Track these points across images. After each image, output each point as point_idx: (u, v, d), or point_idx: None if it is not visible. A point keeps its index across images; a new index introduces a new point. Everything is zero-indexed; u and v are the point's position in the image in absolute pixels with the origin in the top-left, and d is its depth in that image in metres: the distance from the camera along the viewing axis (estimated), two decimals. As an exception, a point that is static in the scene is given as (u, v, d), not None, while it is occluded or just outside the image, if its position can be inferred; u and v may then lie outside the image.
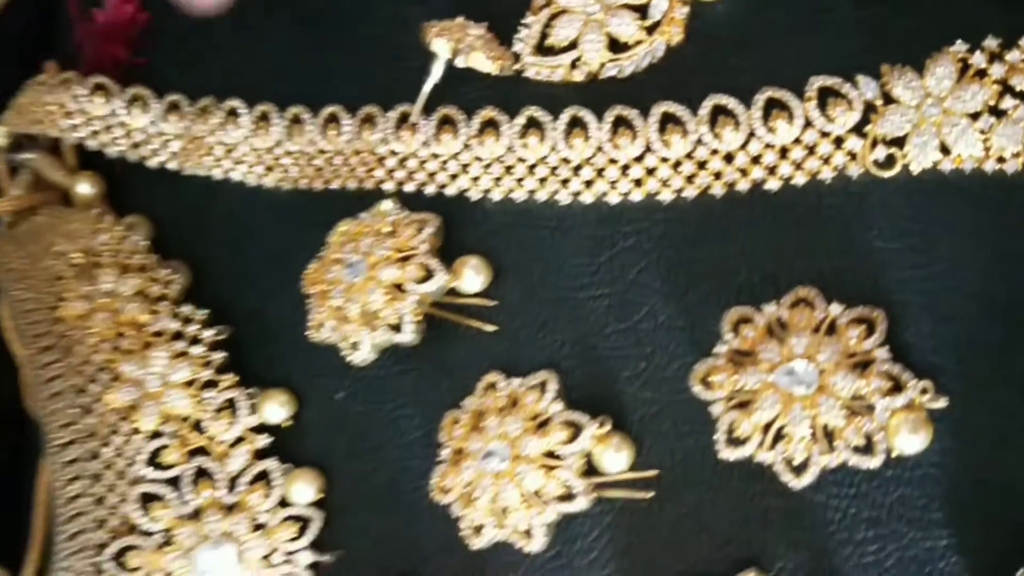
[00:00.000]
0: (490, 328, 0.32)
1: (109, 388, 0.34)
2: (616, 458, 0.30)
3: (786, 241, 0.30)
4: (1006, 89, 0.29)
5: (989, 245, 0.29)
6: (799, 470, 0.29)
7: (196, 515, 0.34)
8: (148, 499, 0.33)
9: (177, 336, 0.35)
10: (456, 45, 0.32)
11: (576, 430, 0.30)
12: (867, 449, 0.29)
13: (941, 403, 0.29)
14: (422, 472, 0.32)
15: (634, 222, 0.31)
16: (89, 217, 0.36)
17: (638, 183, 0.31)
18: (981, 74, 0.29)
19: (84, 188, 0.37)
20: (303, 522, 0.33)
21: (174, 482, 0.33)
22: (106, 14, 0.38)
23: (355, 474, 0.33)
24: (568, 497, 0.30)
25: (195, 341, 0.35)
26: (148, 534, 0.33)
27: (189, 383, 0.34)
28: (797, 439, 0.28)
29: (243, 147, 0.35)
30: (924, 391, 0.29)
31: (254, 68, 0.35)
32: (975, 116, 0.29)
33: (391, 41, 0.33)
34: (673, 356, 0.31)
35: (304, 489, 0.33)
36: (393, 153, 0.33)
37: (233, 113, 0.35)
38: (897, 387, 0.29)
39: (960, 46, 0.29)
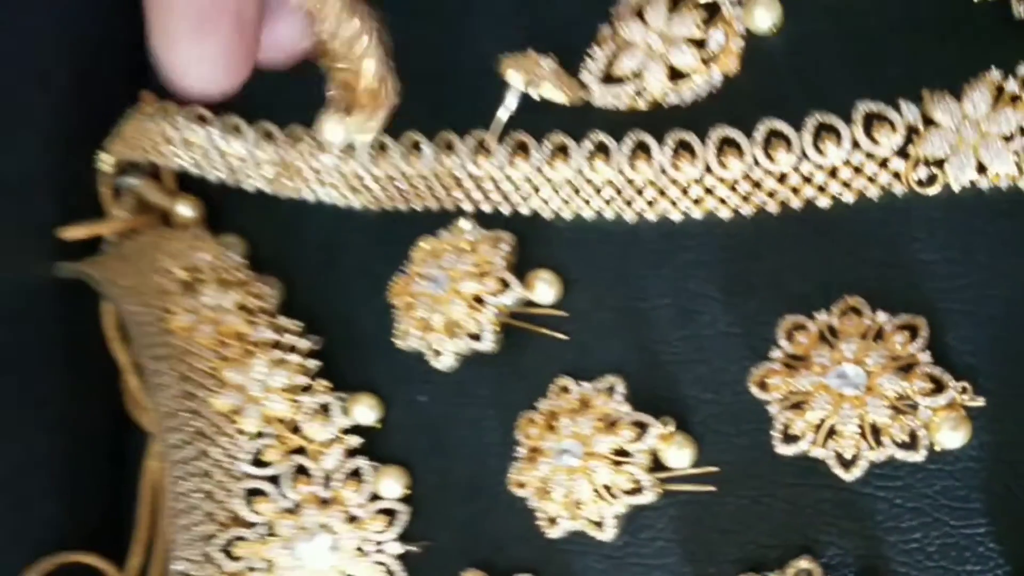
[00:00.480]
0: (562, 336, 0.33)
1: (215, 393, 0.35)
2: (680, 455, 0.31)
3: (836, 254, 0.31)
4: None
5: (1023, 255, 0.30)
6: (849, 464, 0.30)
7: (295, 509, 0.35)
8: (252, 494, 0.35)
9: (275, 345, 0.36)
10: (529, 77, 0.33)
11: (642, 429, 0.31)
12: (911, 444, 0.29)
13: (979, 402, 0.29)
14: (499, 469, 0.33)
15: (694, 237, 0.32)
16: (189, 236, 0.38)
17: (698, 202, 0.32)
18: (1014, 99, 0.30)
19: (184, 210, 0.39)
20: (392, 515, 0.34)
21: (275, 479, 0.35)
22: None
23: (438, 471, 0.34)
24: (636, 491, 0.31)
25: (291, 350, 0.36)
26: (252, 526, 0.34)
27: (287, 388, 0.35)
28: (847, 436, 0.29)
29: (331, 172, 0.36)
30: (963, 391, 0.29)
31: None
32: (1009, 138, 0.30)
33: (469, 73, 0.34)
34: (732, 361, 0.31)
35: (392, 485, 0.34)
36: (471, 176, 0.34)
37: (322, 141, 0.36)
38: (939, 388, 0.29)
39: (995, 73, 0.30)
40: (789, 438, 0.30)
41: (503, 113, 0.34)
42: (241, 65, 0.27)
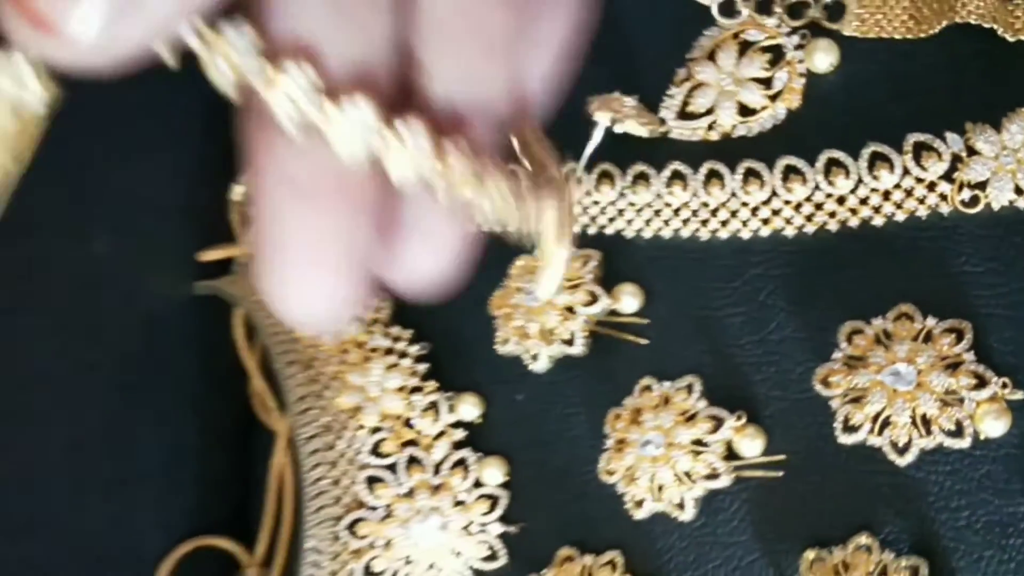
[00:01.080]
0: (644, 342, 0.35)
1: (339, 393, 0.38)
2: (751, 445, 0.33)
3: (890, 267, 0.33)
4: None
5: None
6: (903, 451, 0.32)
7: (410, 494, 0.37)
8: (372, 481, 0.37)
9: (389, 351, 0.38)
10: (614, 115, 0.36)
11: (718, 422, 0.34)
12: (958, 433, 0.31)
13: (1018, 395, 0.31)
14: (589, 458, 0.35)
15: (762, 254, 0.35)
16: None
17: (765, 222, 0.35)
18: None
19: None
20: (493, 500, 0.36)
21: (392, 467, 0.37)
22: None
23: (534, 461, 0.36)
24: (713, 476, 0.33)
25: (403, 355, 0.38)
26: (373, 509, 0.37)
27: (400, 389, 0.38)
28: (900, 426, 0.32)
29: None
30: (1004, 385, 0.31)
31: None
32: None
33: (565, 113, 0.37)
34: (797, 362, 0.33)
35: (493, 473, 0.36)
36: None
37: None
38: (982, 383, 0.31)
39: None
40: (849, 428, 0.32)
41: (590, 148, 0.36)
42: (350, 302, 0.22)
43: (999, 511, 0.32)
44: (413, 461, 0.38)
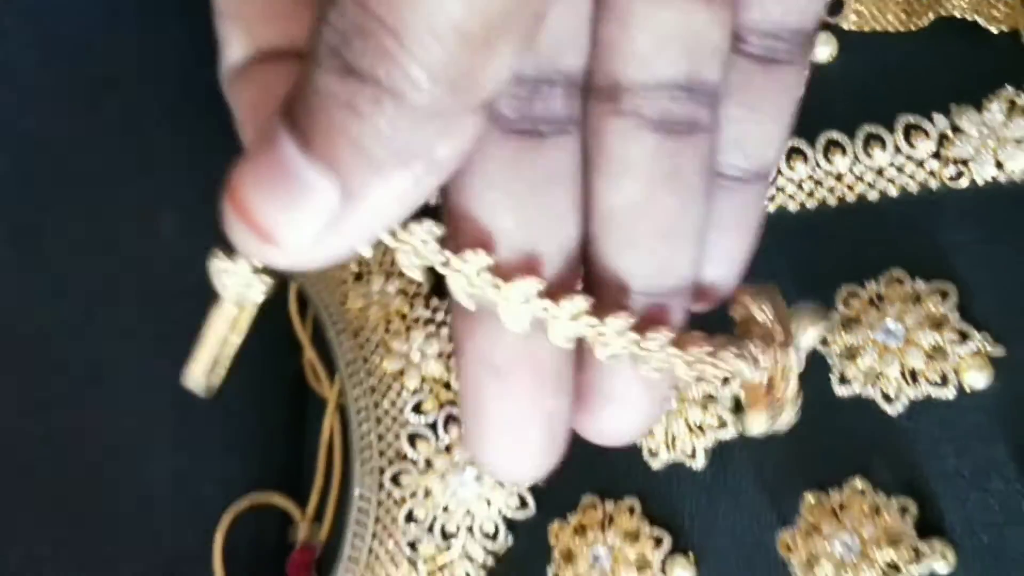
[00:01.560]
0: None
1: (384, 358, 0.41)
2: None
3: (883, 237, 0.35)
4: None
5: None
6: (892, 401, 0.34)
7: (448, 449, 0.40)
8: (414, 437, 0.40)
9: (429, 321, 0.41)
10: None
11: (727, 377, 0.36)
12: (943, 384, 0.34)
13: (999, 351, 0.34)
14: None
15: (770, 228, 0.33)
16: None
17: (771, 198, 0.37)
18: None
19: None
20: None
21: (432, 425, 0.40)
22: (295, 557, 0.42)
23: None
24: (722, 426, 0.36)
25: (442, 324, 0.41)
26: (414, 462, 0.40)
27: (440, 354, 0.41)
28: (890, 378, 0.34)
29: None
30: (986, 341, 0.34)
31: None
32: (1021, 142, 0.34)
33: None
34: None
35: None
36: None
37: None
38: (965, 338, 0.34)
39: (1009, 89, 0.35)
40: (844, 381, 0.34)
41: None
42: (549, 459, 0.24)
43: (983, 457, 0.34)
44: (451, 419, 0.40)
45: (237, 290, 0.22)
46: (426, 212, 0.22)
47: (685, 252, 0.24)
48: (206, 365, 0.24)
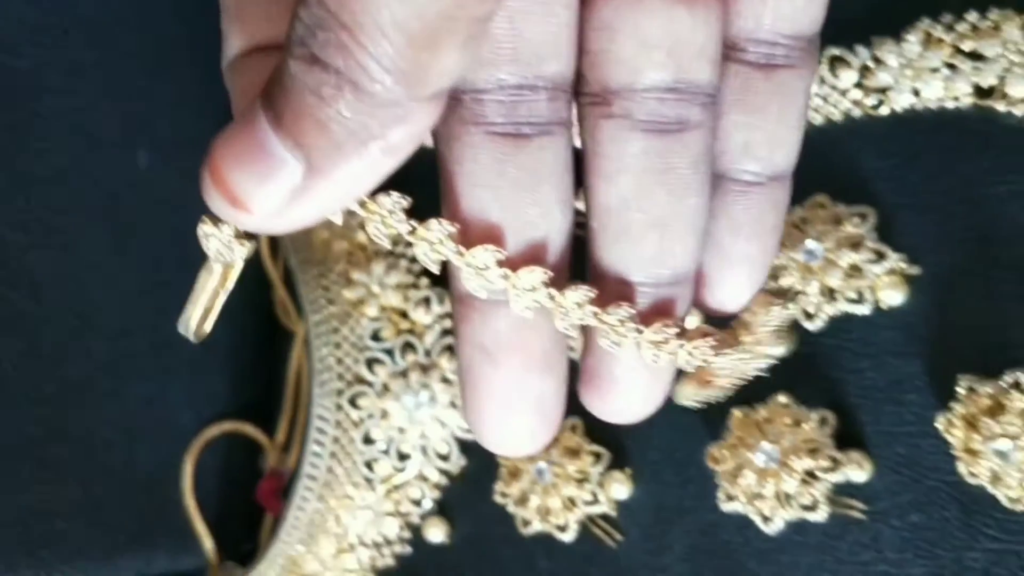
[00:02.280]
0: None
1: (345, 287, 0.43)
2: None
3: (809, 164, 0.32)
4: (957, 51, 0.35)
5: (949, 156, 0.35)
6: (812, 318, 0.36)
7: (404, 373, 0.42)
8: (372, 362, 0.42)
9: (389, 253, 0.43)
10: None
11: None
12: (859, 301, 0.35)
13: (915, 270, 0.35)
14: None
15: None
16: None
17: None
18: (939, 41, 0.36)
19: None
20: None
21: (389, 351, 0.42)
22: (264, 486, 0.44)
23: None
24: None
25: (401, 256, 0.43)
26: (371, 385, 0.42)
27: (399, 285, 0.42)
28: (810, 295, 0.36)
29: None
30: (902, 261, 0.35)
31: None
32: (936, 70, 0.36)
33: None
34: None
35: None
36: None
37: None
38: (881, 257, 0.35)
39: (926, 21, 0.36)
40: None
41: None
42: (545, 435, 0.25)
43: (898, 371, 0.35)
44: (408, 346, 0.43)
45: (221, 251, 0.25)
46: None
47: (681, 242, 0.25)
48: (198, 316, 0.26)
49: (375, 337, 0.43)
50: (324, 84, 0.21)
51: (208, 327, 0.26)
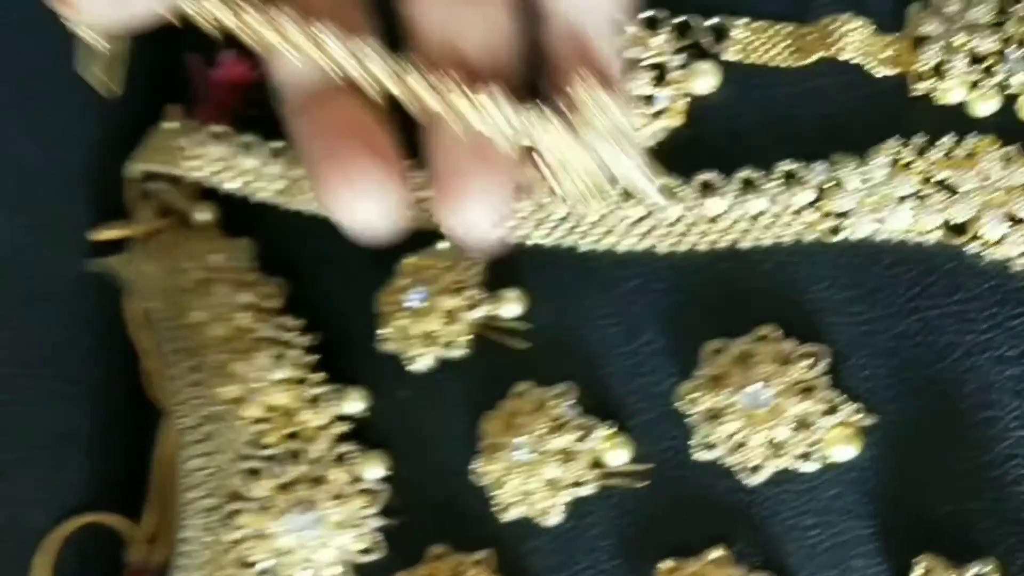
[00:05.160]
0: (524, 346, 0.36)
1: (223, 383, 0.38)
2: (618, 454, 0.34)
3: (755, 289, 0.34)
4: (927, 180, 0.33)
5: (911, 296, 0.33)
6: (754, 471, 0.33)
7: (289, 486, 0.37)
8: (251, 473, 0.37)
9: (277, 342, 0.38)
10: None
11: (587, 431, 0.34)
12: (807, 457, 0.33)
13: (870, 420, 0.33)
14: (466, 459, 0.35)
15: (639, 267, 0.35)
16: (205, 239, 0.41)
17: (642, 237, 0.35)
18: (908, 165, 0.33)
19: (201, 215, 0.41)
20: (373, 494, 0.36)
21: (272, 459, 0.37)
22: (222, 72, 0.42)
23: (415, 457, 0.36)
24: (579, 484, 0.34)
25: (292, 346, 0.38)
26: (251, 500, 0.37)
27: (286, 380, 0.38)
28: (754, 448, 0.33)
29: None
30: (856, 411, 0.33)
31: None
32: (903, 199, 0.33)
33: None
34: (665, 375, 0.34)
35: (375, 468, 0.37)
36: None
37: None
38: (833, 409, 0.33)
39: (894, 142, 0.33)
40: (708, 446, 0.33)
41: None
42: (395, 209, 0.31)
43: (847, 532, 0.33)
44: (295, 454, 0.38)
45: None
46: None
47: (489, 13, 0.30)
48: (100, 72, 0.32)
49: (256, 443, 0.38)
50: None
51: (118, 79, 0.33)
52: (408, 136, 0.32)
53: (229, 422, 0.38)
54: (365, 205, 0.30)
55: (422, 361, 0.37)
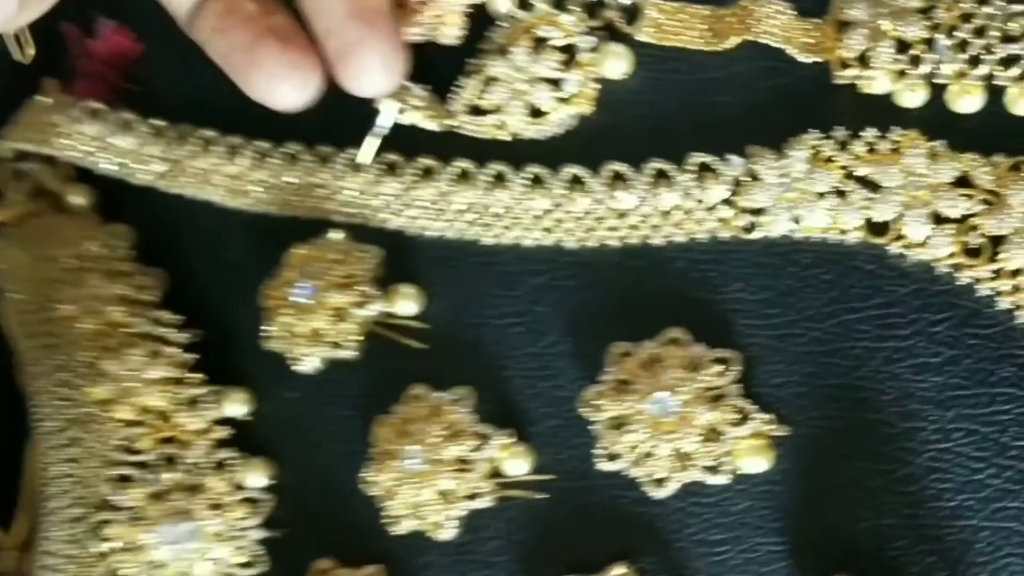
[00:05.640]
0: (420, 346, 0.34)
1: (92, 382, 0.36)
2: (517, 464, 0.33)
3: (666, 289, 0.33)
4: (849, 175, 0.32)
5: (830, 299, 0.32)
6: (661, 483, 0.32)
7: (163, 495, 0.35)
8: (122, 480, 0.35)
9: (153, 337, 0.36)
10: (401, 103, 0.35)
11: (485, 439, 0.33)
12: (716, 469, 0.31)
13: (783, 431, 0.32)
14: (356, 467, 0.34)
15: (545, 263, 0.34)
16: (80, 225, 0.38)
17: (548, 231, 0.34)
18: (829, 160, 0.32)
19: (77, 199, 0.39)
20: (255, 503, 0.35)
21: (145, 465, 0.35)
22: (101, 44, 0.40)
23: (300, 465, 0.35)
24: (474, 496, 0.32)
25: (168, 342, 0.36)
26: (120, 509, 0.35)
27: (161, 380, 0.36)
28: (660, 458, 0.31)
29: (216, 173, 0.37)
30: (768, 422, 0.31)
31: (231, 101, 0.36)
32: (822, 195, 0.32)
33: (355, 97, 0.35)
34: (570, 379, 0.33)
35: (257, 475, 0.35)
36: (341, 190, 0.35)
37: (207, 142, 0.37)
38: (744, 419, 0.31)
39: (814, 135, 0.32)
40: (611, 456, 0.32)
41: (375, 134, 0.35)
42: (311, 78, 0.34)
43: (758, 548, 0.32)
44: (170, 460, 0.36)
45: None
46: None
47: None
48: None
49: (128, 448, 0.36)
50: None
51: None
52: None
53: (98, 425, 0.36)
54: (290, 87, 0.34)
55: (308, 362, 0.35)
